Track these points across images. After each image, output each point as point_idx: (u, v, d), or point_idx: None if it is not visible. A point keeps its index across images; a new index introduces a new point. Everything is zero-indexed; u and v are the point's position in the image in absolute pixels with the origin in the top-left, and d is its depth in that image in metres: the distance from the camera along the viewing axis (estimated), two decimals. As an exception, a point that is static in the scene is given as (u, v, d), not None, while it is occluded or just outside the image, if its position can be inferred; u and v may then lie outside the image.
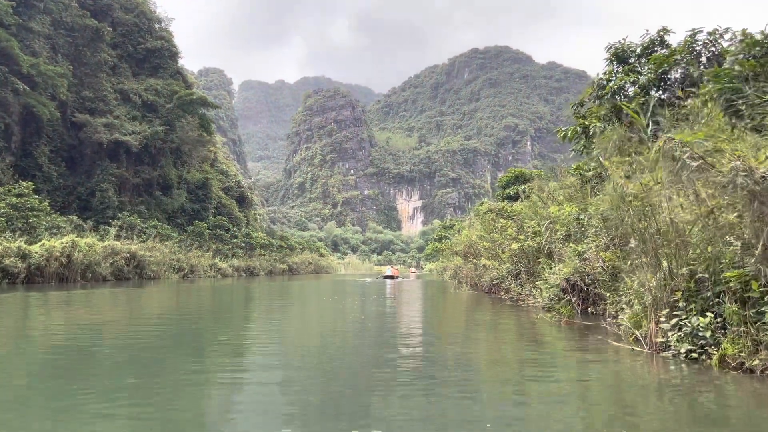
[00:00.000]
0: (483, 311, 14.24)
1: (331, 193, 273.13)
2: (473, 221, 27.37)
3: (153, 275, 44.04)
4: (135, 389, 5.78)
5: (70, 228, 40.39)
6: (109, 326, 11.51)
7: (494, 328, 10.79)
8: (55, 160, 55.00)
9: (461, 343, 9.26)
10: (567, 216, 12.54)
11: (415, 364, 7.15)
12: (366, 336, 10.01)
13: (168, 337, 10.02)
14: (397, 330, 10.89)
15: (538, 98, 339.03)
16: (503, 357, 7.92)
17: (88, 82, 60.55)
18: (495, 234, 17.46)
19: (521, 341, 9.12)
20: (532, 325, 10.76)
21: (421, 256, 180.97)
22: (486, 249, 18.33)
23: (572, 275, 10.90)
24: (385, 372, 6.62)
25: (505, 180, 28.79)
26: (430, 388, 5.75)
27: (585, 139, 13.42)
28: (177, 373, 6.61)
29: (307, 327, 11.80)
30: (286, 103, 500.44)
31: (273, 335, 10.60)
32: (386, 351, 8.40)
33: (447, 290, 25.26)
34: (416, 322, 12.51)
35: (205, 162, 77.76)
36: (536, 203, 15.33)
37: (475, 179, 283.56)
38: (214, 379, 6.42)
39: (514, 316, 12.47)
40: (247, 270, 63.78)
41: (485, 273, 19.06)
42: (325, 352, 8.39)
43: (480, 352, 8.42)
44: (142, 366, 7.08)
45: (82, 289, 27.42)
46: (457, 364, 7.24)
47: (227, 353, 8.33)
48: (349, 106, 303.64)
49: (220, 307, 16.33)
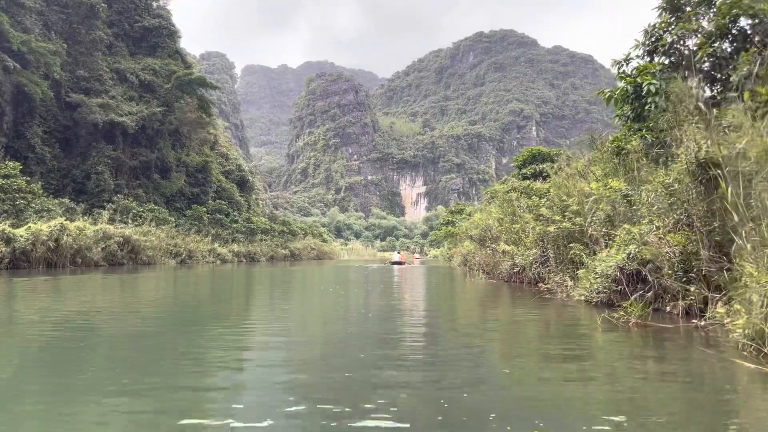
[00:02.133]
0: (514, 305, 11.99)
1: (334, 179, 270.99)
2: (490, 202, 25.48)
3: (149, 261, 42.33)
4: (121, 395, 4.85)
5: (60, 211, 38.57)
6: (86, 317, 9.73)
7: (546, 337, 7.95)
8: (49, 142, 53.10)
9: (512, 362, 6.53)
10: (612, 193, 10.65)
11: (454, 396, 5.01)
12: (373, 348, 7.39)
13: (149, 337, 8.20)
14: (415, 335, 8.36)
15: (543, 83, 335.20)
16: (587, 395, 5.00)
17: (82, 61, 58.46)
18: (522, 214, 15.50)
19: (600, 361, 6.31)
20: (592, 329, 8.26)
21: (425, 242, 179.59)
22: (508, 232, 16.43)
23: (628, 263, 9.01)
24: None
25: (522, 159, 26.77)
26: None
27: (636, 101, 11.41)
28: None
29: (299, 333, 9.87)
30: (289, 88, 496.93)
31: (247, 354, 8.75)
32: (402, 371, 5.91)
33: (459, 278, 23.43)
34: (436, 321, 10.04)
35: (204, 145, 75.76)
36: (572, 179, 13.37)
37: (480, 165, 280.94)
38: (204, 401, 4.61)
39: (555, 312, 10.30)
40: (248, 255, 62.04)
41: (503, 260, 17.20)
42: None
43: (550, 385, 5.34)
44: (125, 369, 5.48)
45: (70, 275, 25.70)
46: (522, 406, 4.71)
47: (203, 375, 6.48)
48: (353, 91, 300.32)
49: (209, 300, 14.47)
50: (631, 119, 12.02)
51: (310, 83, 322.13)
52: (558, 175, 14.58)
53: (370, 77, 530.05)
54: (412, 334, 8.33)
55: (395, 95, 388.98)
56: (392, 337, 8.00)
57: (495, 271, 18.32)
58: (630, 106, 11.80)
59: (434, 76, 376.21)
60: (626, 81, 11.65)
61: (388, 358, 6.44)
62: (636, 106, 11.45)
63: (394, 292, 15.79)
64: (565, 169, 14.62)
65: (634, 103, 11.49)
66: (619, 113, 12.49)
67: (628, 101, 11.78)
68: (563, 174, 14.34)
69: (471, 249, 25.28)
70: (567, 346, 7.18)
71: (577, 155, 17.12)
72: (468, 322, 9.70)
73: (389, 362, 6.19)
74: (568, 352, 6.70)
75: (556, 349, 6.97)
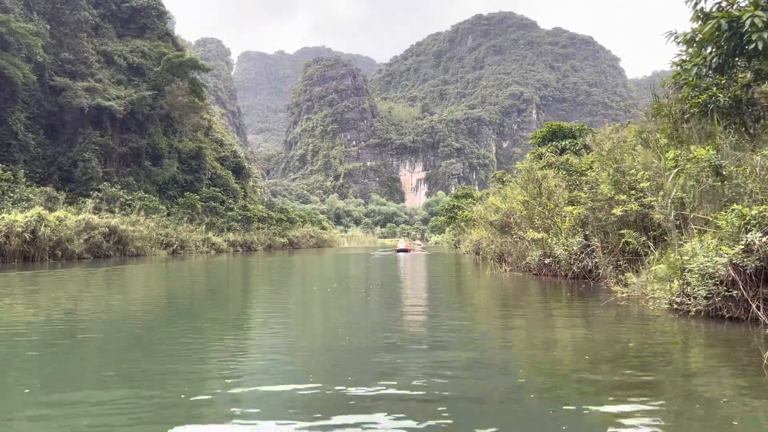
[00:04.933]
0: (570, 314, 8.71)
1: (333, 165, 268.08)
2: (504, 184, 23.10)
3: (137, 252, 39.93)
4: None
5: (41, 200, 36.09)
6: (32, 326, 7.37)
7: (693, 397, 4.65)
8: (33, 128, 50.50)
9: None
10: (695, 166, 8.19)
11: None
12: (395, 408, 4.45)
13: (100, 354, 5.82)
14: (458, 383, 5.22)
15: (543, 65, 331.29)
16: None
17: (67, 43, 55.67)
18: (560, 194, 13.02)
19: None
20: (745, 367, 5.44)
21: (426, 228, 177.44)
22: (540, 217, 13.96)
23: (746, 258, 6.58)
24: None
25: (541, 135, 24.21)
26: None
27: (730, 40, 8.84)
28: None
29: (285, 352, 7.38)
30: (286, 75, 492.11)
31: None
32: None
33: (475, 269, 21.03)
34: (484, 349, 6.52)
35: (198, 130, 73.03)
36: (620, 150, 10.88)
37: (480, 149, 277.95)
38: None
39: (638, 328, 7.30)
40: (244, 245, 59.65)
41: (531, 249, 14.78)
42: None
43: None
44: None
45: (45, 270, 23.34)
46: None
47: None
48: (350, 75, 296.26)
49: (172, 311, 11.97)
50: (712, 68, 9.56)
51: (307, 68, 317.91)
52: (602, 148, 12.11)
53: (368, 62, 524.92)
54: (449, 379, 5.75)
55: (393, 80, 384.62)
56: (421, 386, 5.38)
57: (519, 261, 15.90)
58: (718, 51, 9.31)
59: (433, 60, 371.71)
60: (719, 15, 9.06)
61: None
62: (728, 47, 8.93)
63: (406, 293, 13.19)
64: (608, 141, 12.16)
65: (727, 44, 8.97)
66: (696, 61, 10.01)
67: (717, 42, 9.27)
68: (608, 145, 11.89)
69: (485, 236, 22.87)
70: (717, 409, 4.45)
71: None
72: (528, 351, 6.44)
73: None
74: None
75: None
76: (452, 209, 46.74)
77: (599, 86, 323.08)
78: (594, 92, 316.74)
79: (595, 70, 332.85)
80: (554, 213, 13.39)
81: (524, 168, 16.72)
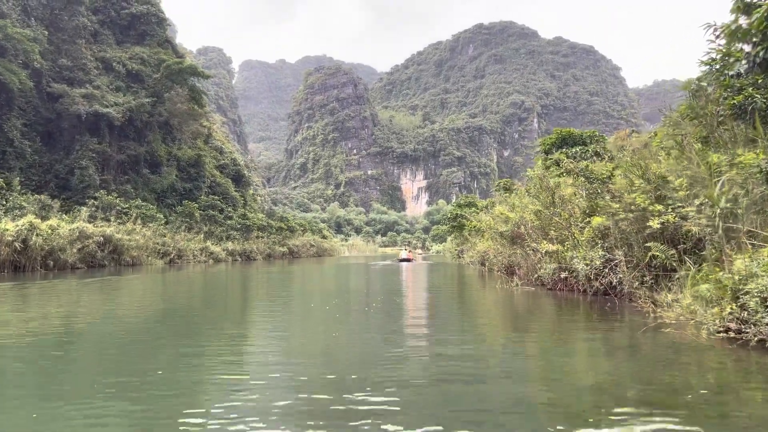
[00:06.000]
0: (605, 339, 7.50)
1: (334, 174, 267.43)
2: (509, 193, 22.21)
3: (133, 261, 38.98)
4: None
5: (34, 208, 35.19)
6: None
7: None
8: (29, 135, 49.71)
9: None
10: (740, 171, 7.26)
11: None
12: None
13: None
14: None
15: (544, 74, 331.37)
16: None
17: (65, 49, 54.98)
18: (576, 203, 12.06)
19: None
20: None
21: (427, 237, 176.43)
22: (557, 227, 13.00)
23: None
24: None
25: (550, 142, 23.29)
26: None
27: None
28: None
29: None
30: (287, 83, 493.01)
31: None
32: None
33: (482, 282, 20.08)
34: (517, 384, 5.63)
35: (198, 138, 72.29)
36: (643, 155, 9.93)
37: (481, 158, 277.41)
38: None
39: (698, 363, 6.20)
40: (243, 254, 58.67)
41: (544, 262, 13.86)
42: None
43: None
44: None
45: (34, 281, 22.43)
46: None
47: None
48: (351, 84, 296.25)
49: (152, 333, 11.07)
50: (757, 63, 8.67)
51: (308, 77, 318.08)
52: (626, 154, 11.20)
53: (369, 71, 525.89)
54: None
55: (394, 88, 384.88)
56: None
57: (531, 275, 14.95)
58: (765, 45, 8.42)
59: (434, 68, 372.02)
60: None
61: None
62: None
63: (411, 312, 12.13)
64: (629, 147, 11.27)
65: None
66: (738, 55, 9.15)
67: (765, 34, 8.38)
68: (628, 151, 11.00)
69: (490, 246, 21.96)
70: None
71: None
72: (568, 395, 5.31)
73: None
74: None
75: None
76: (455, 218, 45.79)
77: (600, 95, 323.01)
78: (595, 101, 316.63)
79: (596, 79, 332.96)
80: (571, 223, 12.47)
81: (536, 176, 15.80)
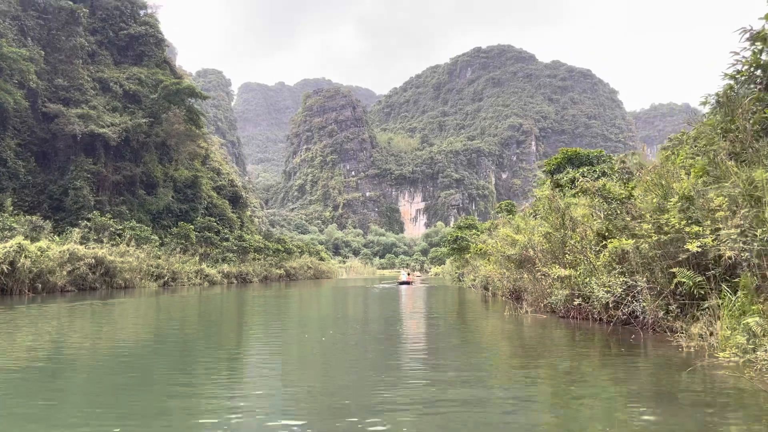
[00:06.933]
0: (671, 398, 5.63)
1: (332, 195, 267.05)
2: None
3: (126, 284, 37.98)
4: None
5: (24, 230, 34.31)
6: None
7: None
8: (23, 155, 49.07)
9: None
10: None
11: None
12: None
13: None
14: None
15: (542, 97, 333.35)
16: None
17: (62, 70, 54.60)
18: (591, 225, 11.23)
19: None
20: None
21: (426, 259, 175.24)
22: (572, 251, 12.18)
23: None
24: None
25: (555, 163, 22.58)
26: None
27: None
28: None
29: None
30: (286, 105, 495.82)
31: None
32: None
33: (485, 307, 19.18)
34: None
35: (195, 159, 71.76)
36: (668, 175, 9.14)
37: (479, 180, 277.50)
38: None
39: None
40: (239, 276, 57.62)
41: (555, 287, 13.02)
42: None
43: None
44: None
45: (18, 305, 21.47)
46: None
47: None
48: (350, 106, 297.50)
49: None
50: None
51: (307, 99, 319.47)
52: (647, 173, 10.43)
53: (368, 94, 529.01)
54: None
55: (393, 111, 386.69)
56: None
57: (540, 301, 14.10)
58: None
59: (432, 91, 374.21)
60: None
61: None
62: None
63: (414, 344, 11.16)
64: (650, 167, 10.53)
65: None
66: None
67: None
68: (649, 169, 10.24)
69: (494, 270, 21.10)
70: None
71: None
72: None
73: None
74: None
75: None
76: (455, 240, 44.94)
77: (598, 118, 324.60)
78: (593, 124, 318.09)
79: (593, 103, 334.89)
80: (585, 246, 11.66)
81: (545, 196, 15.02)
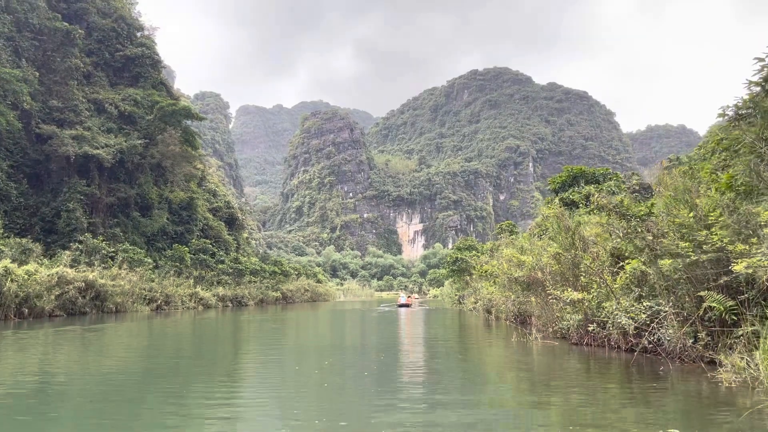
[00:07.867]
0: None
1: (330, 217, 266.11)
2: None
3: (117, 308, 36.92)
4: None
5: (12, 253, 33.35)
6: None
7: None
8: (16, 177, 48.22)
9: None
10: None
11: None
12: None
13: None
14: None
15: (539, 119, 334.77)
16: None
17: (56, 91, 54.04)
18: (603, 242, 10.44)
19: None
20: None
21: (424, 281, 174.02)
22: (588, 273, 11.35)
23: None
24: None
25: (561, 181, 21.86)
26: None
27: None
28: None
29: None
30: (284, 128, 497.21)
31: None
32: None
33: (489, 333, 18.28)
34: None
35: (191, 180, 70.96)
36: (696, 188, 8.42)
37: (477, 201, 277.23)
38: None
39: None
40: (234, 299, 56.46)
41: (564, 311, 12.17)
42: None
43: None
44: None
45: (3, 331, 20.51)
46: None
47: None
48: (348, 128, 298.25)
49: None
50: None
51: (305, 121, 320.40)
52: (668, 189, 9.67)
53: (365, 116, 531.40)
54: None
55: (390, 133, 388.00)
56: None
57: (549, 326, 13.23)
58: None
59: (429, 113, 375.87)
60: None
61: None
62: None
63: (416, 378, 10.22)
64: (670, 181, 9.77)
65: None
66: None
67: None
68: (672, 184, 9.49)
69: (497, 292, 20.25)
70: None
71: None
72: None
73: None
74: None
75: None
76: (455, 262, 44.07)
77: (595, 140, 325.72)
78: (590, 146, 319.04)
79: (590, 124, 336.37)
80: (600, 268, 10.84)
81: (553, 214, 14.21)
